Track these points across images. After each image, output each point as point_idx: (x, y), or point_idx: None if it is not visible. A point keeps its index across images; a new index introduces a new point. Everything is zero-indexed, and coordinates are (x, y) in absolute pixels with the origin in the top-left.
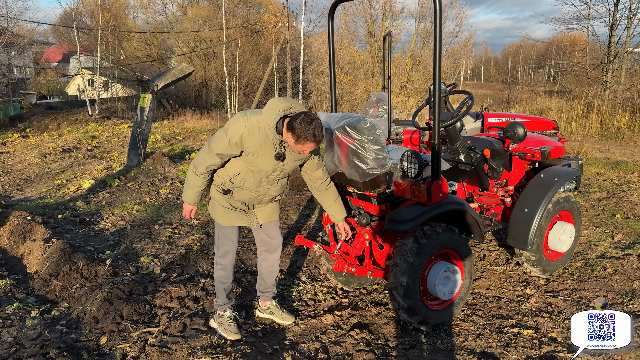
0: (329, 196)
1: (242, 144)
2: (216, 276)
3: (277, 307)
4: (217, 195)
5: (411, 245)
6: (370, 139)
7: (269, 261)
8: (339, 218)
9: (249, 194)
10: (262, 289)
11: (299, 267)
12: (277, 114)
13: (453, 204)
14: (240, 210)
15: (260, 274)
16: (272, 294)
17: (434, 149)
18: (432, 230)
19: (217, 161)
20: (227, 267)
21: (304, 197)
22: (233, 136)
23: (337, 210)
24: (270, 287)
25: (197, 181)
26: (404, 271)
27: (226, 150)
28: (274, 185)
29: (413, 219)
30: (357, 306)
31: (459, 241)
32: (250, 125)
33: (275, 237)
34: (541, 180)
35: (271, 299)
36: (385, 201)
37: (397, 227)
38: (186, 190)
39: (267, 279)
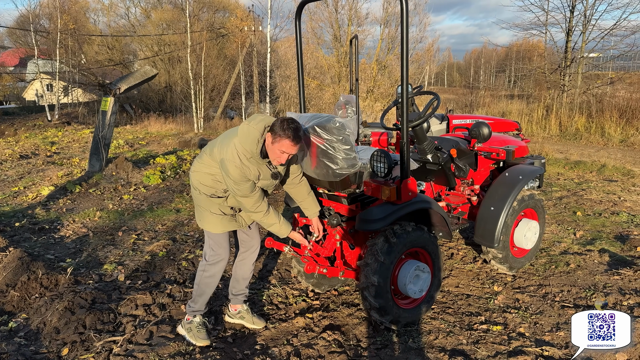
0: (302, 189)
1: (246, 177)
2: (202, 283)
3: (248, 312)
4: (208, 203)
5: (382, 245)
6: (339, 139)
7: (247, 262)
8: (312, 211)
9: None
10: (235, 292)
11: (270, 271)
12: (256, 143)
13: (422, 203)
14: (230, 215)
15: (235, 276)
16: (244, 297)
17: (403, 149)
18: (402, 229)
19: (250, 181)
20: (217, 275)
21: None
22: (238, 176)
23: (310, 203)
24: (243, 289)
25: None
26: (375, 271)
27: (248, 185)
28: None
29: (383, 218)
30: (328, 308)
31: (428, 239)
32: (241, 165)
33: (255, 237)
34: (506, 179)
35: (242, 302)
36: (356, 201)
37: (367, 226)
38: (276, 228)
39: (242, 281)
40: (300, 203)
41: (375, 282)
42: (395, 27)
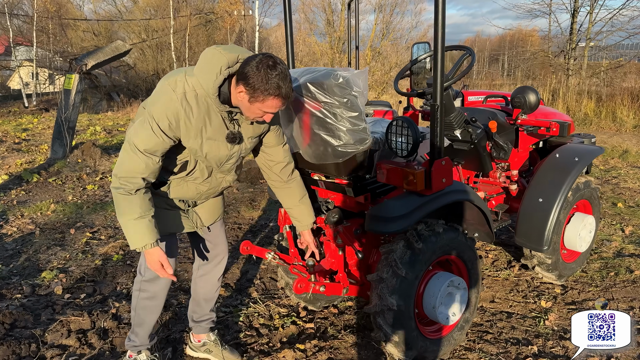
0: (293, 191)
1: (178, 129)
2: (139, 306)
3: (217, 343)
4: None
5: (402, 252)
6: (343, 102)
7: (211, 278)
8: (304, 223)
9: (194, 188)
10: (196, 318)
11: (250, 280)
12: (217, 73)
13: (459, 194)
14: (177, 209)
15: (195, 298)
16: (210, 324)
17: (435, 116)
18: (430, 230)
19: (150, 163)
20: (158, 295)
21: (259, 190)
22: (162, 120)
23: (303, 212)
24: (208, 314)
25: (135, 205)
26: (393, 289)
27: (157, 146)
28: (231, 175)
29: (405, 216)
30: (326, 334)
31: (465, 244)
32: (181, 97)
33: (220, 243)
34: (557, 162)
35: (209, 330)
36: (365, 191)
37: (382, 227)
38: (128, 229)
39: (206, 304)
40: (290, 210)
41: (393, 305)
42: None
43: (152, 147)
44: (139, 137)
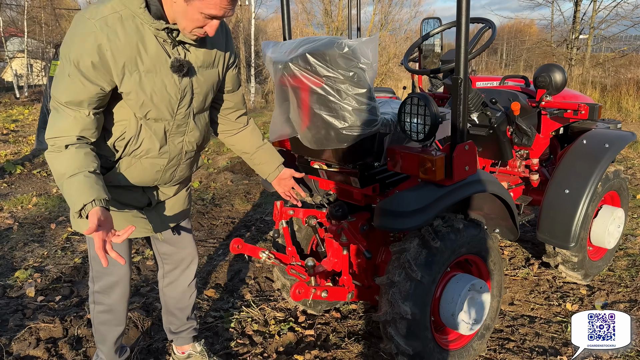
0: (251, 134)
1: (105, 66)
2: (96, 322)
3: (204, 354)
4: None
5: (416, 252)
6: (349, 76)
7: (179, 286)
8: (272, 165)
9: (150, 166)
10: (175, 329)
11: (243, 280)
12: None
13: (484, 184)
14: (131, 208)
15: (166, 308)
16: (192, 332)
17: (459, 92)
18: (448, 227)
19: (79, 117)
20: (115, 308)
21: (254, 182)
22: (82, 59)
23: (266, 154)
24: (186, 323)
25: (66, 160)
26: (407, 295)
27: (81, 94)
28: (192, 132)
29: (421, 211)
30: (328, 342)
31: (487, 242)
32: (101, 24)
33: (186, 245)
34: (585, 148)
35: (192, 340)
36: (373, 181)
37: (395, 223)
38: (64, 193)
39: (181, 313)
40: (251, 158)
41: (407, 314)
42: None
43: (76, 97)
44: (59, 89)
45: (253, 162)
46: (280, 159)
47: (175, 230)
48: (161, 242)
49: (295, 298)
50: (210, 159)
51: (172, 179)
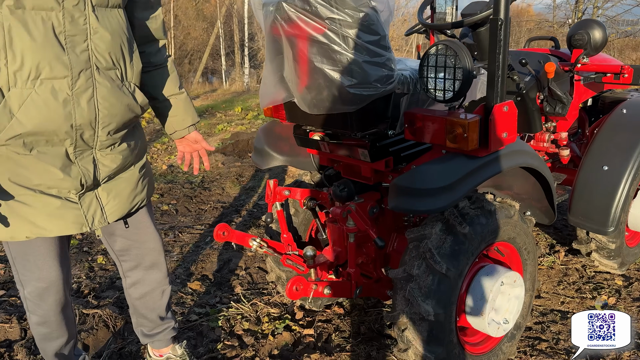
0: (169, 81)
1: None
2: (34, 334)
3: (185, 358)
4: None
5: (440, 240)
6: (358, 18)
7: (146, 286)
8: (183, 122)
9: (51, 92)
10: (148, 331)
11: (233, 271)
12: None
13: (524, 156)
14: (53, 193)
15: (134, 310)
16: (169, 333)
17: (499, 37)
18: (478, 208)
19: None
20: (49, 319)
21: (247, 165)
22: None
23: (180, 107)
24: (162, 324)
25: None
26: (429, 291)
27: None
28: (99, 35)
29: (449, 189)
30: (330, 344)
31: (521, 226)
32: None
33: (148, 239)
34: (626, 119)
35: (171, 340)
36: (386, 154)
37: (415, 204)
38: None
39: (153, 314)
40: (160, 109)
41: (429, 314)
42: None
43: None
44: None
45: (161, 112)
46: (195, 118)
47: (129, 223)
48: (112, 237)
49: (292, 296)
50: None
51: (98, 124)
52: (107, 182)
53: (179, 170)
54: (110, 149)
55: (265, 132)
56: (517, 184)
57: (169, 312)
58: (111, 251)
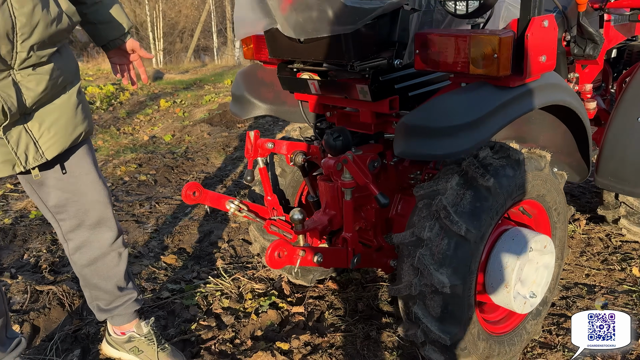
0: None
1: None
2: None
3: (151, 339)
4: None
5: (457, 195)
6: None
7: (94, 250)
8: (117, 29)
9: None
10: (105, 305)
11: (214, 244)
12: None
13: (564, 91)
14: None
15: (84, 280)
16: (132, 306)
17: None
18: (504, 158)
19: None
20: None
21: (235, 135)
22: None
23: (112, 11)
24: (120, 295)
25: None
26: (443, 257)
27: None
28: None
29: (473, 127)
30: (322, 323)
31: (552, 182)
32: None
33: (88, 190)
34: None
35: (134, 315)
36: (390, 92)
37: (429, 147)
38: None
39: (107, 284)
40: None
41: (443, 285)
42: None
43: None
44: None
45: (90, 19)
46: (129, 23)
47: (65, 168)
48: (43, 188)
49: (274, 264)
50: (187, 111)
51: (16, 36)
52: (37, 110)
53: (162, 141)
54: (33, 68)
55: (245, 76)
56: (544, 134)
57: (129, 281)
58: (44, 209)
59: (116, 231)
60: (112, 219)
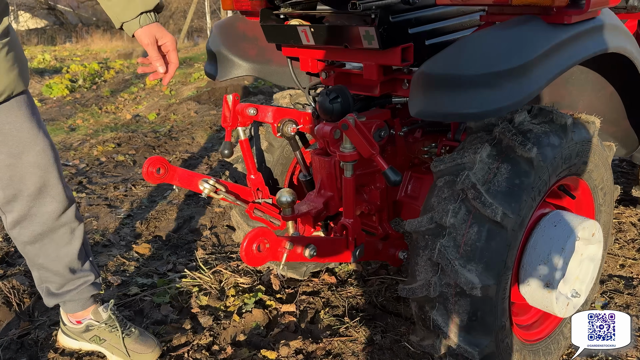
0: None
1: None
2: None
3: (114, 323)
4: None
5: (488, 170)
6: None
7: (37, 222)
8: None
9: None
10: (56, 289)
11: (195, 231)
12: None
13: (622, 36)
14: None
15: (29, 259)
16: (88, 290)
17: None
18: (545, 123)
19: None
20: None
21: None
22: None
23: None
24: (73, 278)
25: None
26: (473, 250)
27: None
28: None
29: (521, 74)
30: (317, 324)
31: (600, 155)
32: None
33: (28, 148)
34: None
35: (91, 301)
36: (404, 37)
37: (459, 104)
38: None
39: (56, 264)
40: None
41: (472, 286)
42: None
43: None
44: None
45: None
46: (147, 1)
47: None
48: None
49: (252, 261)
50: (174, 89)
51: None
52: None
53: (145, 120)
54: None
55: (222, 30)
56: (585, 98)
57: (85, 261)
58: None
59: (64, 202)
60: (58, 186)
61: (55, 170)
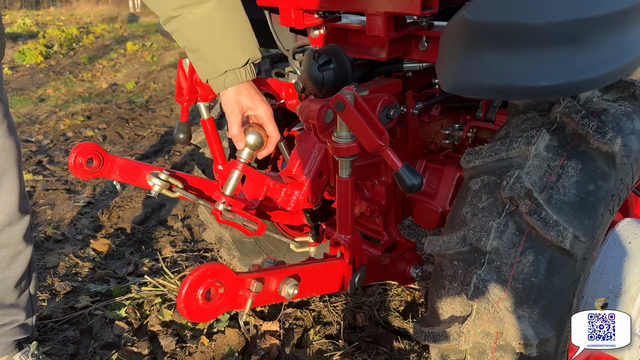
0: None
1: None
2: None
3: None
4: None
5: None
6: None
7: None
8: (213, 62)
9: None
10: None
11: (163, 222)
12: None
13: None
14: None
15: None
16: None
17: None
18: (625, 100)
19: None
20: None
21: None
22: None
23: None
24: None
25: None
26: (529, 288)
27: None
28: None
29: (623, 27)
30: (306, 348)
31: None
32: None
33: None
34: None
35: (12, 346)
36: None
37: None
38: None
39: None
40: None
41: (525, 342)
42: None
43: None
44: None
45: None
46: (230, 61)
47: None
48: None
49: (196, 316)
50: (156, 55)
51: None
52: None
53: (122, 89)
54: None
55: None
56: None
57: (23, 294)
58: None
59: (11, 214)
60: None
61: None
